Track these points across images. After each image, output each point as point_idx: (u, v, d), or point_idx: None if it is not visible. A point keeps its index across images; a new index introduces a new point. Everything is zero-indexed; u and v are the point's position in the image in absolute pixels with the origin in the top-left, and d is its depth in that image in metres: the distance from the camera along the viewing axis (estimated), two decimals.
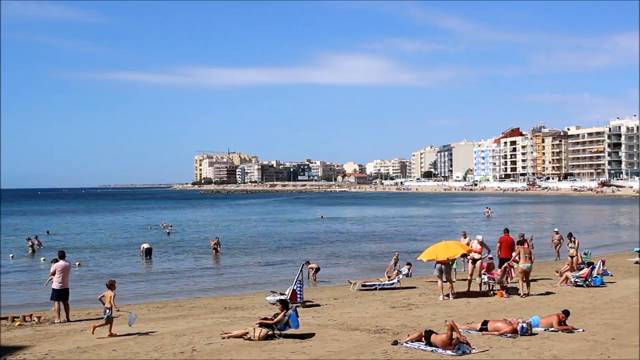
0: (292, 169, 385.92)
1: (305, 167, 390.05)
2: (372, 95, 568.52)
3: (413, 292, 21.64)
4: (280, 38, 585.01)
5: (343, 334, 14.10)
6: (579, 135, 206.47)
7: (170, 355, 12.39)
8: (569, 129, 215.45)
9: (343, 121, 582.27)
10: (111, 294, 14.80)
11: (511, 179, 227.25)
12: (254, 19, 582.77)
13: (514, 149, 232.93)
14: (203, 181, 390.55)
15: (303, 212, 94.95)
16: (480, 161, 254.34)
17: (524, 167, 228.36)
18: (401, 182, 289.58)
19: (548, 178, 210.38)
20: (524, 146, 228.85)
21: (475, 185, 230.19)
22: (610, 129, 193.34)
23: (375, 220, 73.05)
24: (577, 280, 21.36)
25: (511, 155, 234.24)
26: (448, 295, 19.43)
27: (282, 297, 17.41)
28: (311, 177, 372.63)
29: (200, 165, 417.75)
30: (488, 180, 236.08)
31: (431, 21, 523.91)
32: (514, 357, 11.63)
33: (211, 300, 22.23)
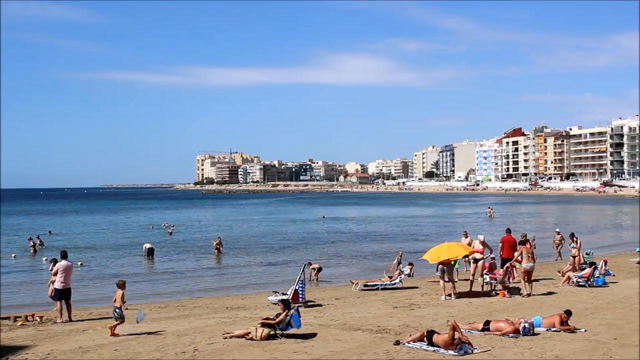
0: (294, 169, 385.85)
1: (307, 167, 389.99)
2: (374, 95, 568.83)
3: (415, 292, 21.64)
4: (282, 38, 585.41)
5: (345, 334, 14.10)
6: (581, 135, 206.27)
7: (172, 355, 12.39)
8: (571, 129, 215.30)
9: (345, 121, 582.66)
10: (121, 293, 14.87)
11: (513, 179, 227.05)
12: (255, 19, 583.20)
13: (516, 149, 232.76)
14: (205, 181, 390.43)
15: (305, 212, 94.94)
16: (482, 161, 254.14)
17: (526, 167, 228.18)
18: (403, 182, 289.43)
19: (550, 178, 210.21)
20: (526, 146, 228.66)
21: (478, 185, 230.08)
22: (612, 129, 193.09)
23: (377, 220, 73.05)
24: (579, 280, 21.35)
25: (513, 155, 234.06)
26: (450, 295, 19.43)
27: (284, 297, 17.42)
28: (313, 177, 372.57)
29: (203, 165, 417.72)
30: (490, 180, 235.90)
31: (432, 21, 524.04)
32: (516, 357, 11.62)
33: (213, 300, 22.24)
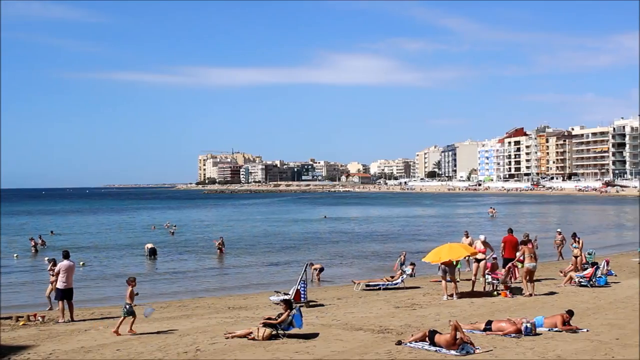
0: (296, 169, 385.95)
1: (309, 167, 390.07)
2: (376, 95, 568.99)
3: (417, 292, 21.64)
4: (284, 38, 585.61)
5: (347, 334, 14.10)
6: (583, 135, 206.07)
7: (174, 355, 12.40)
8: (573, 129, 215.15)
9: (347, 121, 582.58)
10: (130, 289, 14.96)
11: (515, 179, 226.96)
12: (257, 19, 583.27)
13: (518, 149, 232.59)
14: (207, 181, 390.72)
15: (307, 212, 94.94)
16: (484, 161, 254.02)
17: (528, 167, 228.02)
18: (405, 182, 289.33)
19: (552, 178, 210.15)
20: (528, 146, 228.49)
21: (479, 185, 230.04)
22: (614, 128, 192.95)
23: (379, 220, 73.04)
24: (581, 280, 21.33)
25: (515, 155, 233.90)
26: (452, 295, 19.42)
27: (286, 297, 17.41)
28: (315, 177, 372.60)
29: (204, 165, 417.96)
30: (492, 180, 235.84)
31: (434, 21, 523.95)
32: (517, 357, 11.62)
33: (215, 300, 22.24)
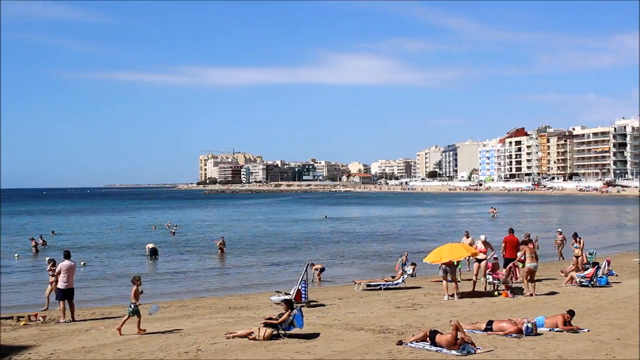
0: (297, 169, 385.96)
1: (310, 167, 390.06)
2: (377, 95, 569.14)
3: (418, 292, 21.63)
4: (285, 38, 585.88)
5: (348, 334, 14.10)
6: (584, 135, 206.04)
7: (175, 355, 12.40)
8: (574, 129, 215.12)
9: (348, 121, 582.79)
10: (134, 288, 14.95)
11: (516, 179, 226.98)
12: (258, 19, 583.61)
13: (519, 149, 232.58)
14: (208, 181, 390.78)
15: (308, 212, 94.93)
16: (485, 161, 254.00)
17: (529, 167, 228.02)
18: (406, 182, 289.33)
19: (553, 178, 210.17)
20: (529, 146, 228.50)
21: (480, 185, 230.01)
22: (615, 128, 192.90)
23: (380, 220, 73.02)
24: (582, 280, 21.32)
25: (516, 155, 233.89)
26: (453, 295, 19.42)
27: (287, 297, 17.42)
28: (316, 177, 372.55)
29: (205, 165, 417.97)
30: (493, 180, 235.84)
31: (434, 21, 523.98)
32: (518, 357, 11.61)
33: (216, 300, 22.25)
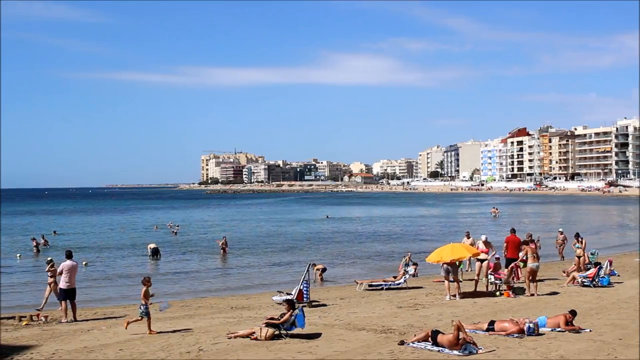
0: (299, 169, 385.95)
1: (312, 167, 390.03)
2: (378, 95, 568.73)
3: (420, 292, 21.63)
4: (287, 38, 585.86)
5: (349, 334, 14.10)
6: (586, 135, 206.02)
7: (177, 355, 12.40)
8: (575, 129, 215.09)
9: (349, 121, 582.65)
10: (144, 289, 14.97)
11: (518, 179, 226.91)
12: (259, 19, 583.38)
13: (521, 149, 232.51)
14: (210, 181, 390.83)
15: (310, 212, 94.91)
16: (487, 161, 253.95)
17: (530, 167, 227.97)
18: (408, 182, 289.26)
19: (555, 178, 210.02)
20: (530, 146, 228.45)
21: (482, 185, 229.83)
22: (617, 128, 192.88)
23: (382, 220, 72.99)
24: (584, 280, 21.31)
25: (518, 155, 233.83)
26: (455, 295, 19.41)
27: (289, 297, 17.42)
28: (318, 177, 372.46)
29: (207, 165, 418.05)
30: (495, 180, 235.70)
31: (436, 21, 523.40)
32: (520, 357, 11.60)
33: (218, 300, 22.26)
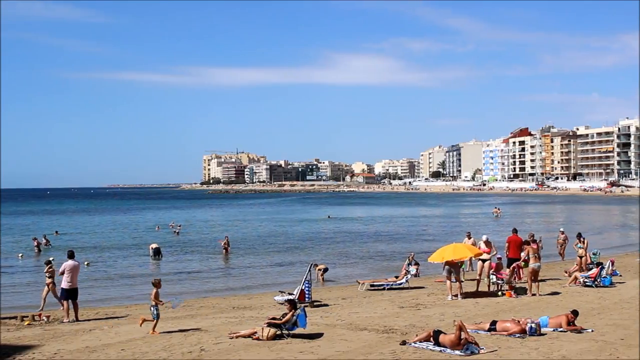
0: (301, 169, 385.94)
1: (314, 167, 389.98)
2: (380, 95, 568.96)
3: (421, 292, 21.63)
4: (288, 38, 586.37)
5: (351, 334, 14.09)
6: (588, 135, 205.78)
7: (178, 355, 12.41)
8: (577, 129, 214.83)
9: (351, 121, 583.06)
10: (155, 291, 14.99)
11: (520, 179, 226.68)
12: (260, 18, 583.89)
13: (523, 149, 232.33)
14: (211, 181, 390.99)
15: (312, 212, 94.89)
16: (489, 161, 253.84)
17: (532, 167, 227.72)
18: (410, 182, 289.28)
19: (557, 178, 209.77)
20: (532, 146, 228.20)
21: (484, 185, 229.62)
22: (619, 128, 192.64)
23: (384, 220, 72.96)
24: (586, 280, 21.29)
25: (520, 155, 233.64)
26: (457, 295, 19.41)
27: (291, 297, 17.42)
28: (319, 177, 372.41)
29: (209, 165, 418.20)
30: (497, 180, 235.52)
31: (438, 21, 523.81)
32: (522, 357, 11.59)
33: (219, 300, 22.28)
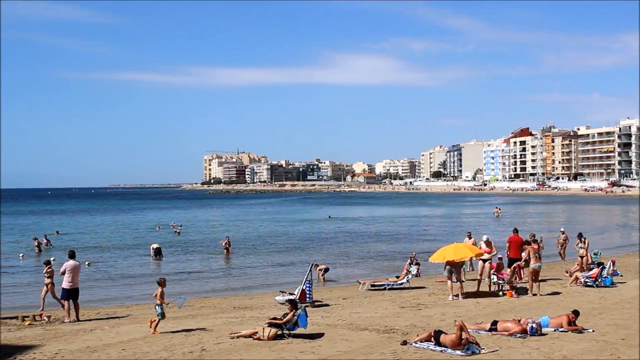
0: (302, 169, 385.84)
1: (315, 167, 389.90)
2: (381, 95, 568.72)
3: (422, 292, 21.62)
4: (289, 38, 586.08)
5: (352, 334, 14.10)
6: (588, 135, 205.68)
7: (179, 355, 12.41)
8: (578, 129, 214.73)
9: (352, 121, 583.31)
10: (160, 290, 14.96)
11: (521, 179, 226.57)
12: (261, 18, 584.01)
13: (524, 149, 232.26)
14: (212, 181, 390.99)
15: (313, 212, 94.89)
16: (489, 161, 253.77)
17: (533, 167, 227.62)
18: (410, 182, 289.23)
19: (558, 178, 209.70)
20: (533, 146, 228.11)
21: (485, 185, 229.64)
22: (620, 128, 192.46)
23: (385, 220, 72.94)
24: (587, 280, 21.28)
25: (521, 155, 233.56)
26: (457, 295, 19.41)
27: (291, 297, 17.42)
28: (320, 177, 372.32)
29: (210, 165, 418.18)
30: (497, 180, 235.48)
31: (439, 21, 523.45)
32: (523, 357, 11.60)
33: (220, 300, 22.28)
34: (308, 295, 19.10)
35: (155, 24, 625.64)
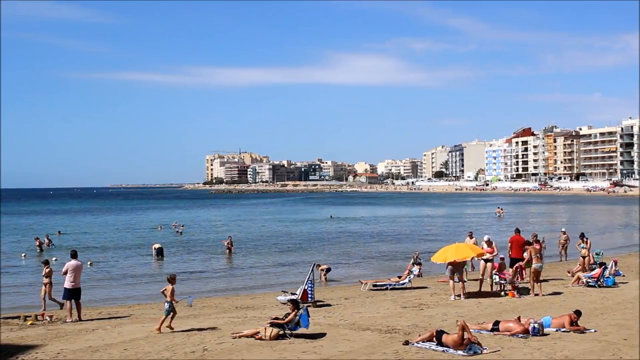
0: (303, 169, 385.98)
1: (317, 167, 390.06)
2: (383, 95, 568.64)
3: (424, 292, 21.61)
4: (290, 38, 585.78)
5: (354, 334, 14.09)
6: (590, 135, 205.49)
7: (181, 355, 12.41)
8: (580, 129, 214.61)
9: (354, 121, 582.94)
10: (171, 287, 14.99)
11: (523, 179, 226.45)
12: (262, 18, 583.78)
13: (526, 149, 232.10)
14: (214, 181, 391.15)
15: (314, 212, 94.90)
16: (491, 161, 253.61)
17: (535, 167, 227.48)
18: (412, 182, 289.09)
19: (560, 178, 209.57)
20: (535, 146, 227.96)
21: (487, 185, 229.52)
22: (622, 128, 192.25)
23: (386, 220, 72.94)
24: (589, 280, 21.27)
25: (523, 155, 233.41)
26: (459, 295, 19.40)
27: (293, 297, 17.43)
28: (322, 177, 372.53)
29: (212, 165, 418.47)
30: (499, 180, 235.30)
31: (440, 21, 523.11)
32: (525, 358, 11.59)
33: (222, 299, 22.29)
34: (310, 295, 19.09)
35: (155, 24, 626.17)
